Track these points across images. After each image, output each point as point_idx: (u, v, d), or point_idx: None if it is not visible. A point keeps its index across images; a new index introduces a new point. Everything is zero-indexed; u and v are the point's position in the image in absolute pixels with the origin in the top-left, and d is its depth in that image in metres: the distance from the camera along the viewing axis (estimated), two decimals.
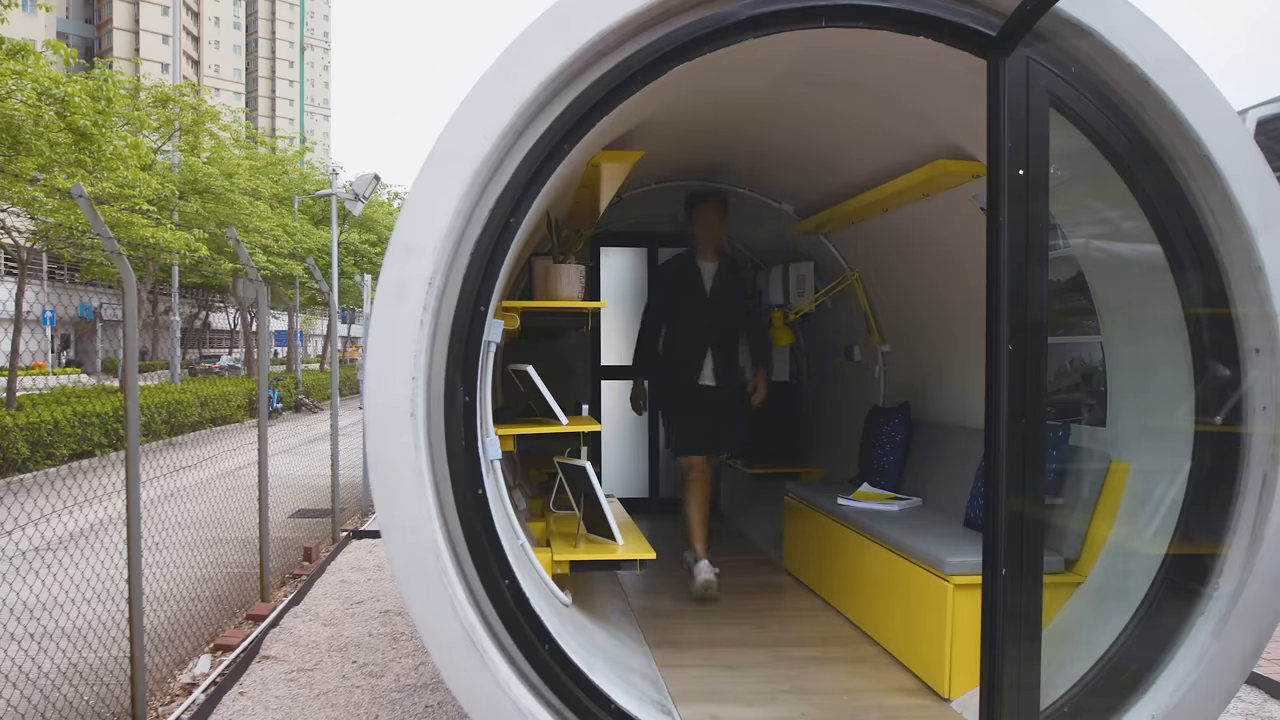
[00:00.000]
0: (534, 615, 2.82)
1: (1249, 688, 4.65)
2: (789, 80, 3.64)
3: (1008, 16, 2.69)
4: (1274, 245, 2.73)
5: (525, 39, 2.72)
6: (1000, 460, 2.69)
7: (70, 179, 12.55)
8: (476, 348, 2.81)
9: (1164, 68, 2.72)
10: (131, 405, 4.12)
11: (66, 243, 16.75)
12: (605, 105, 2.79)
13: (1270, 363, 2.74)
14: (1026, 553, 2.72)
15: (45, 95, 12.08)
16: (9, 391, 14.29)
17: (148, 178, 16.21)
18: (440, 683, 4.56)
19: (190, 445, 15.17)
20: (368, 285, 10.10)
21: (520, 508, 4.62)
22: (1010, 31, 2.68)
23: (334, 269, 22.22)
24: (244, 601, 6.36)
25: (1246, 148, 2.77)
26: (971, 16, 2.76)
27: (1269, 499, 2.74)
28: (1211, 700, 2.81)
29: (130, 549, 4.08)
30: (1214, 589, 2.83)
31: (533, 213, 2.95)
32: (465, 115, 2.71)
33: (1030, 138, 2.68)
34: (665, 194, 6.05)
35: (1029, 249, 2.68)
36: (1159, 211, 2.82)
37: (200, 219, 21.01)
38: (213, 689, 4.69)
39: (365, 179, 19.92)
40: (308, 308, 36.72)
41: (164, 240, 16.44)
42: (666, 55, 2.77)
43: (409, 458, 2.70)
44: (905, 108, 3.74)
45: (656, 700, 3.39)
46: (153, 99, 19.72)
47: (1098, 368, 3.69)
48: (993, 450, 2.71)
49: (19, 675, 4.39)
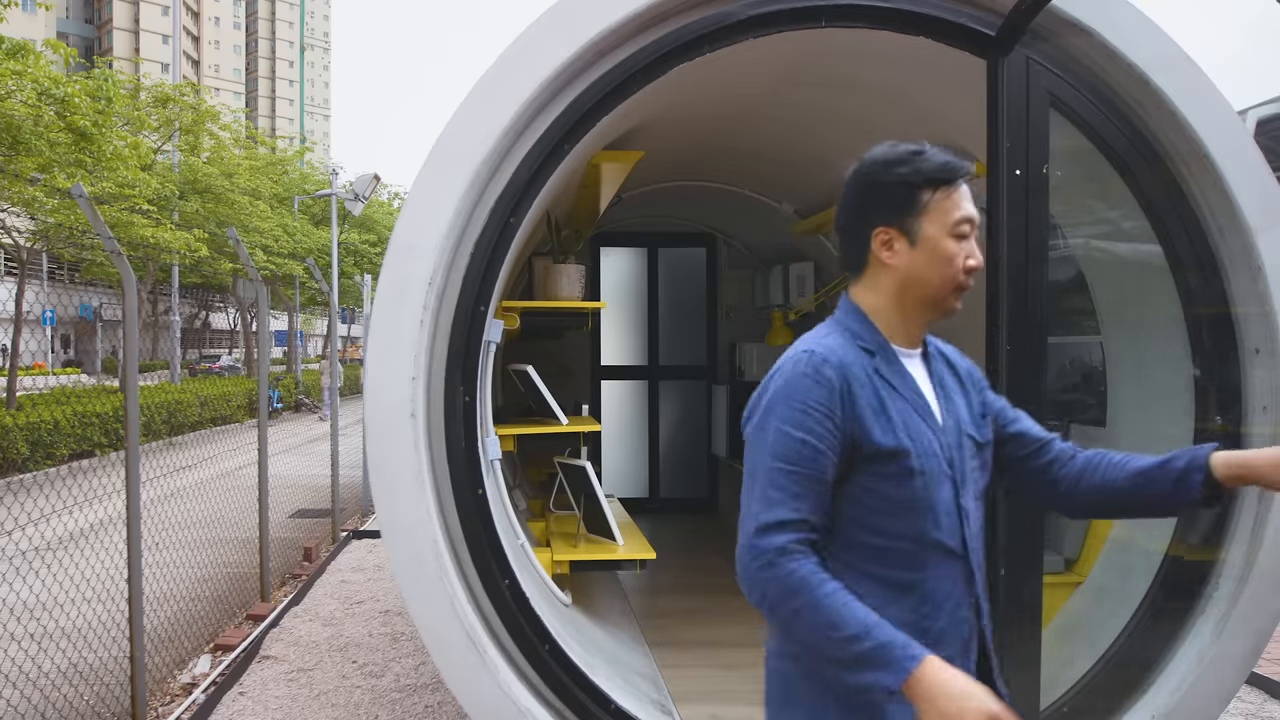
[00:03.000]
0: (534, 615, 2.82)
1: (1249, 688, 4.65)
2: (789, 80, 3.64)
3: (1006, 16, 2.69)
4: (1274, 245, 2.73)
5: (525, 39, 2.72)
6: None
7: (70, 179, 12.54)
8: (476, 348, 2.81)
9: (1164, 67, 2.72)
10: (131, 405, 4.12)
11: (66, 243, 16.74)
12: (605, 105, 2.79)
13: (1270, 363, 2.74)
14: (1026, 552, 2.73)
15: (45, 95, 12.06)
16: (9, 391, 14.29)
17: (148, 178, 16.21)
18: (440, 683, 4.56)
19: (190, 445, 15.17)
20: (368, 285, 10.10)
21: (520, 508, 4.62)
22: (1009, 31, 2.68)
23: (334, 269, 22.20)
24: (244, 601, 6.36)
25: (1247, 148, 2.76)
26: (971, 16, 2.76)
27: (1269, 500, 2.74)
28: (1212, 700, 2.81)
29: (130, 549, 4.08)
30: (1214, 589, 2.83)
31: (533, 213, 2.96)
32: (465, 115, 2.71)
33: (1030, 138, 2.68)
34: (665, 194, 6.05)
35: (1028, 249, 2.68)
36: (1159, 211, 2.82)
37: (200, 219, 21.00)
38: (213, 689, 4.69)
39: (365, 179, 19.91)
40: (308, 308, 36.70)
41: (164, 240, 16.43)
42: (666, 55, 2.77)
43: (409, 458, 2.69)
44: (905, 107, 3.74)
45: (656, 700, 3.39)
46: (153, 99, 19.71)
47: (1097, 368, 3.69)
48: None
49: (19, 675, 4.38)
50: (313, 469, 11.74)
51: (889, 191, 1.61)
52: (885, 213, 1.61)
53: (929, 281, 1.61)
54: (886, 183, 1.61)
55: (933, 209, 1.59)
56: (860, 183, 1.65)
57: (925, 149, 1.62)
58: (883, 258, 1.62)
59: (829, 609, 1.44)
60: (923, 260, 1.60)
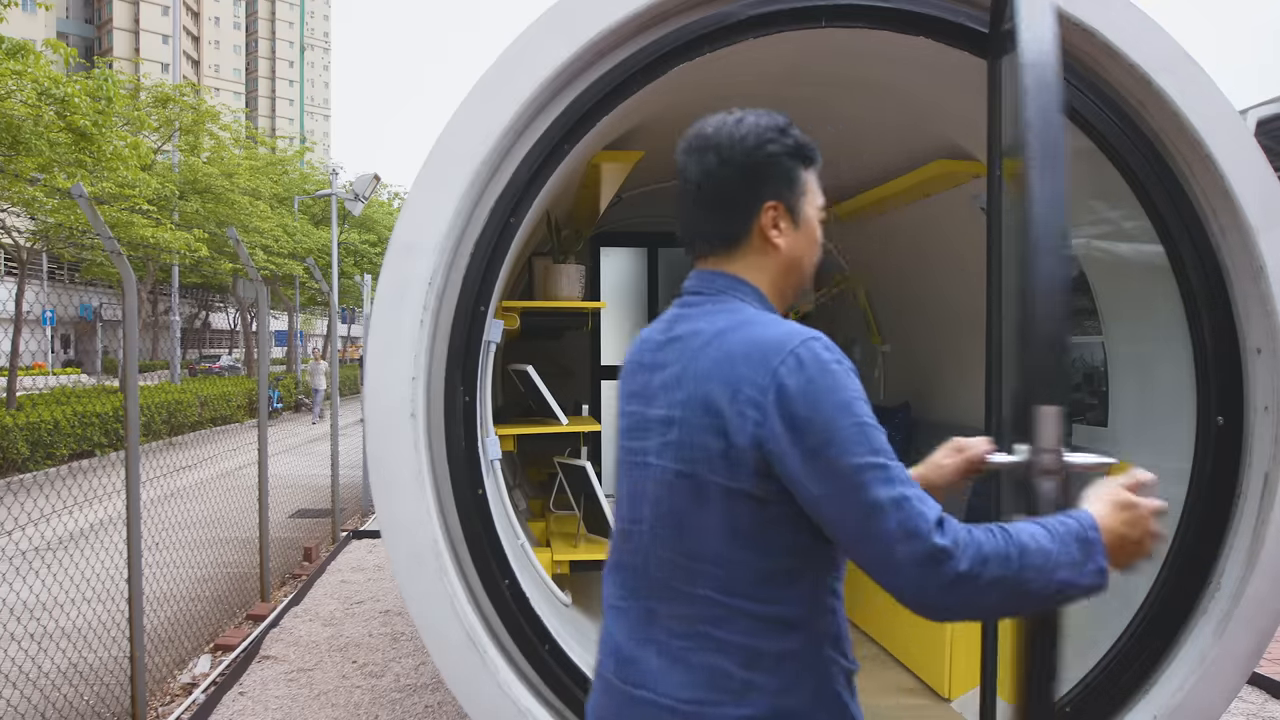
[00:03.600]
0: (534, 615, 2.82)
1: (1250, 688, 4.64)
2: (788, 80, 3.63)
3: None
4: (1275, 245, 2.72)
5: (525, 39, 2.72)
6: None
7: (70, 179, 12.55)
8: (476, 348, 2.81)
9: (1165, 67, 2.72)
10: (131, 405, 4.12)
11: (66, 243, 16.74)
12: (605, 105, 2.79)
13: (1271, 363, 2.73)
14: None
15: (45, 95, 12.06)
16: (9, 391, 14.29)
17: (148, 178, 16.21)
18: (440, 683, 4.56)
19: (190, 445, 15.17)
20: (368, 285, 10.10)
21: (520, 508, 4.62)
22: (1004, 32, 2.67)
23: (334, 269, 22.20)
24: (244, 601, 6.36)
25: (1248, 148, 2.76)
26: (970, 16, 2.76)
27: (1270, 499, 2.74)
28: (1213, 700, 2.80)
29: (130, 549, 4.08)
30: (1215, 589, 2.82)
31: (533, 213, 2.95)
32: (465, 115, 2.71)
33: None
34: (665, 194, 6.05)
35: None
36: (1160, 211, 2.81)
37: (200, 219, 21.00)
38: (213, 689, 4.69)
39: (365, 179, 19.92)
40: (308, 308, 36.70)
41: (164, 240, 16.43)
42: (666, 55, 2.77)
43: (409, 457, 2.69)
44: (905, 107, 3.73)
45: None
46: (153, 99, 19.71)
47: (1099, 368, 3.69)
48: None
49: (19, 675, 4.38)
50: (313, 469, 11.74)
51: (780, 163, 1.43)
52: (776, 186, 1.43)
53: (806, 268, 1.49)
54: (778, 154, 1.43)
55: (809, 190, 1.48)
56: (748, 147, 1.42)
57: (789, 121, 1.47)
58: (770, 236, 1.44)
59: (1032, 546, 1.25)
60: (805, 242, 1.47)
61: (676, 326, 1.46)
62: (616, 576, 1.52)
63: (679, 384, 1.40)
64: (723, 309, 1.42)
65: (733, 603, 1.36)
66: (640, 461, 1.46)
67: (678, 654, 1.39)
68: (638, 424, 1.48)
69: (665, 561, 1.41)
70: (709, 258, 1.48)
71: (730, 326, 1.39)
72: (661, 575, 1.42)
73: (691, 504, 1.37)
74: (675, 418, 1.39)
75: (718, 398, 1.34)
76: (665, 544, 1.41)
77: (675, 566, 1.40)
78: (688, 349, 1.41)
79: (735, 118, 1.45)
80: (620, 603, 1.49)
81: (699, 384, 1.37)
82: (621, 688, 1.44)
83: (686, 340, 1.42)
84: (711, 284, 1.46)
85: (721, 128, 1.44)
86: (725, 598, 1.36)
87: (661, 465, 1.41)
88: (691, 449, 1.36)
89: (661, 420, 1.42)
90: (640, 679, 1.42)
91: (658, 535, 1.42)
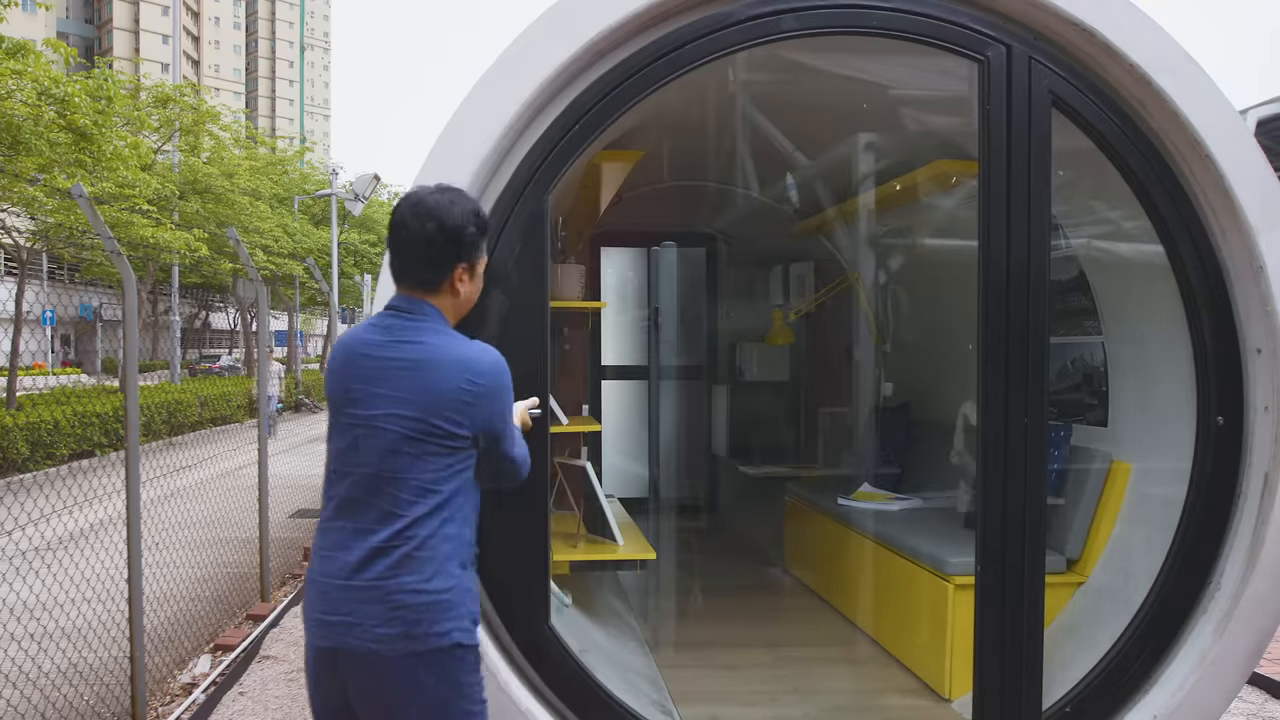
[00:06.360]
0: None
1: (1250, 688, 4.64)
2: (789, 80, 3.64)
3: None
4: (1275, 245, 2.73)
5: (525, 39, 2.72)
6: (998, 458, 2.69)
7: (70, 179, 12.54)
8: None
9: (1165, 67, 2.72)
10: (131, 405, 4.12)
11: (66, 243, 16.74)
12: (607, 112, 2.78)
13: (1271, 363, 2.73)
14: (1028, 553, 2.72)
15: (45, 95, 12.06)
16: (9, 391, 14.29)
17: (148, 178, 16.19)
18: None
19: (190, 445, 15.17)
20: (368, 285, 10.11)
21: None
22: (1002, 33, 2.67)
23: (334, 269, 22.22)
24: (244, 601, 6.36)
25: (1248, 148, 2.76)
26: (970, 16, 2.76)
27: (1270, 499, 2.74)
28: (1213, 700, 2.80)
29: (130, 549, 4.08)
30: (1215, 589, 2.82)
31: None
32: (465, 115, 2.71)
33: (1032, 137, 2.68)
34: (665, 194, 6.05)
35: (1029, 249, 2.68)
36: (1160, 211, 2.81)
37: (200, 219, 20.98)
38: (213, 689, 4.69)
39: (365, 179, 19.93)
40: (308, 308, 36.69)
41: (164, 240, 16.42)
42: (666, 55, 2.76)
43: None
44: (905, 106, 3.74)
45: (656, 700, 3.39)
46: (153, 99, 19.69)
47: (1099, 368, 3.69)
48: (990, 450, 2.72)
49: (19, 675, 4.38)
50: (313, 469, 11.73)
51: (475, 240, 2.08)
52: (468, 254, 2.08)
53: (471, 304, 2.16)
54: (474, 234, 2.07)
55: (484, 255, 2.15)
56: (457, 226, 2.04)
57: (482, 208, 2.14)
58: (456, 285, 2.08)
59: None
60: (475, 290, 2.15)
61: (395, 332, 2.05)
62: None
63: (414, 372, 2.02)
64: (426, 326, 2.07)
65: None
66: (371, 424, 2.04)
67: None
68: (365, 397, 2.02)
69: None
70: (415, 290, 2.08)
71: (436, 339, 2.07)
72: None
73: None
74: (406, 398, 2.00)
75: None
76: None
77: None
78: (414, 349, 2.03)
79: (449, 199, 2.06)
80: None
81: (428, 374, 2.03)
82: None
83: (411, 343, 2.04)
84: (419, 308, 2.07)
85: (440, 206, 2.04)
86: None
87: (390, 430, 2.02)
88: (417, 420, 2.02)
89: (391, 398, 2.01)
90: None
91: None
